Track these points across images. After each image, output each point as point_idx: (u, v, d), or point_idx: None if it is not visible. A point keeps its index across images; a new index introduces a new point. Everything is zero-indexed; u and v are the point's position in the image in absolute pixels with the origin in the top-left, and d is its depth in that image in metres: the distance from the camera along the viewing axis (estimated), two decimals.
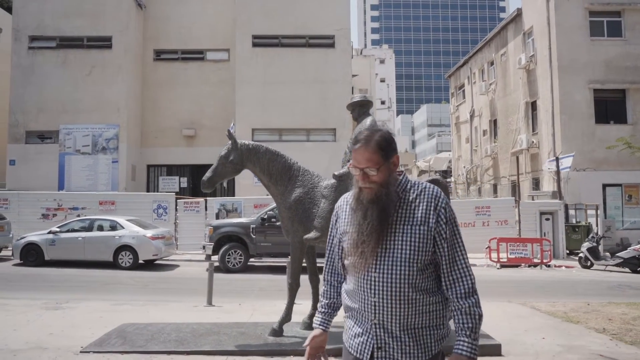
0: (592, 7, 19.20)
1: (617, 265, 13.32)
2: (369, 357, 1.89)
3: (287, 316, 5.08)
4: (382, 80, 59.69)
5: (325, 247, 2.11)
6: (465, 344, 1.83)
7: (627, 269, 13.28)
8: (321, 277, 5.36)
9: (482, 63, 27.38)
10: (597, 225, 16.52)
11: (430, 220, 1.88)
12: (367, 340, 1.89)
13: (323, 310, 2.12)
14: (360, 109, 5.27)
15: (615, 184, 18.67)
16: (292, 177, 5.05)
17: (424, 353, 1.87)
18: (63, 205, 16.79)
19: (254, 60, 21.09)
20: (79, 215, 15.84)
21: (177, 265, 13.63)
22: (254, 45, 21.21)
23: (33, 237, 13.18)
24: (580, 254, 14.24)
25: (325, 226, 4.78)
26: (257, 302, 8.07)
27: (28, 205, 16.73)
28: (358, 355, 1.91)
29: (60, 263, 12.85)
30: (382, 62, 61.51)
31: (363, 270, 1.88)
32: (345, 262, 1.97)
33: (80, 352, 4.67)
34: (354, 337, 1.95)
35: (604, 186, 18.60)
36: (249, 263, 12.68)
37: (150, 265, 13.20)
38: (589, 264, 13.82)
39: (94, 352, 4.63)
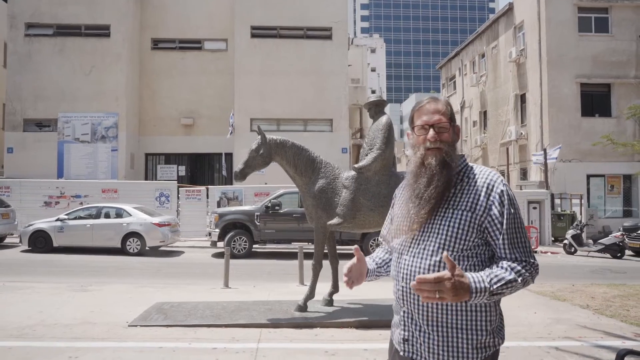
0: (581, 4, 19.88)
1: (599, 251, 14.18)
2: (402, 349, 1.71)
3: (311, 294, 5.67)
4: (373, 70, 60.07)
5: (346, 233, 2.45)
6: (477, 277, 1.53)
7: (608, 255, 14.17)
8: (342, 262, 5.94)
9: (473, 55, 28.01)
10: (581, 214, 17.38)
11: (479, 206, 1.63)
12: (399, 332, 1.73)
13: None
14: (376, 107, 5.84)
15: (598, 175, 19.58)
16: (316, 169, 5.61)
17: (454, 359, 1.59)
18: (65, 193, 17.10)
19: (252, 50, 21.37)
20: (81, 203, 16.14)
21: (182, 252, 14.11)
22: (253, 36, 21.48)
23: (41, 224, 13.44)
24: (565, 241, 15.07)
25: (347, 213, 5.37)
26: (269, 285, 8.63)
27: (30, 193, 16.99)
28: (397, 347, 1.75)
29: (69, 249, 13.27)
30: (373, 51, 61.88)
31: (400, 250, 1.73)
32: (392, 243, 1.82)
33: (129, 325, 5.20)
34: (394, 326, 1.80)
35: (588, 177, 19.48)
36: (252, 249, 13.25)
37: (156, 251, 13.63)
38: (573, 250, 14.65)
39: (141, 325, 5.17)
